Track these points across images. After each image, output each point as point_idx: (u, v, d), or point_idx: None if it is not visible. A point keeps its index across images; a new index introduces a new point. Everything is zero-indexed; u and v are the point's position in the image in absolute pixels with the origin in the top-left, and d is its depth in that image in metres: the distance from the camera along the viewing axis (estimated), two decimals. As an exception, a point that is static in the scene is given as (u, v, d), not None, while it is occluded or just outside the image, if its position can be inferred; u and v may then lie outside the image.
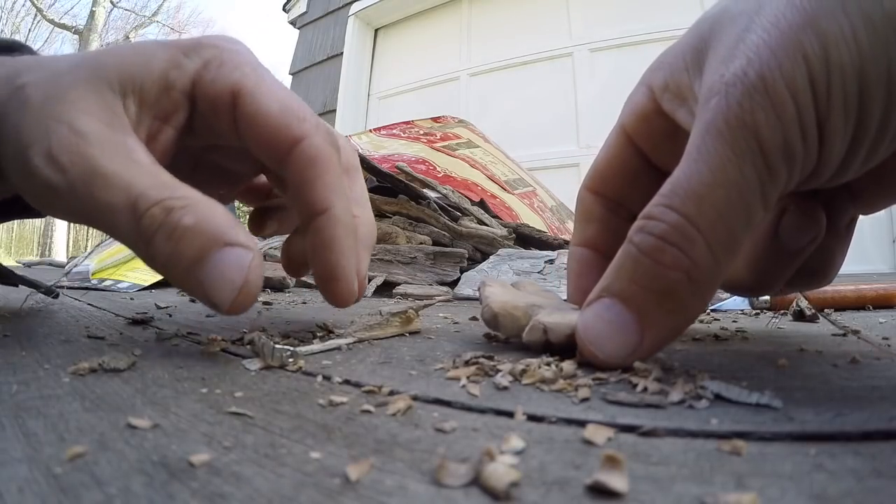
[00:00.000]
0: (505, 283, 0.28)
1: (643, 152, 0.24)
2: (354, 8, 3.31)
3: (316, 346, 0.24)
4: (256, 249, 0.20)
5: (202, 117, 0.23)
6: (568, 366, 0.20)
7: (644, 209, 0.18)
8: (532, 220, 1.12)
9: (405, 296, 0.60)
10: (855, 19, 0.15)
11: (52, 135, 0.19)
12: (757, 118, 0.16)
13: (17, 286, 0.34)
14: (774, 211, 0.23)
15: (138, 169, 0.20)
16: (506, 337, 0.22)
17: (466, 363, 0.21)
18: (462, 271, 0.71)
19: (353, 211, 0.24)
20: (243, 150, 0.24)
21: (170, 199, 0.19)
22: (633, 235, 0.18)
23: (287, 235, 0.30)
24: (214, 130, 0.24)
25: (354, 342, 0.26)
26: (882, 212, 0.23)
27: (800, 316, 0.37)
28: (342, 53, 3.30)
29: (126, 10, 8.56)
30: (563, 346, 0.21)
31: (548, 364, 0.20)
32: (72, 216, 0.21)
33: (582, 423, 0.14)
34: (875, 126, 0.16)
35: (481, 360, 0.21)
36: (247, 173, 0.31)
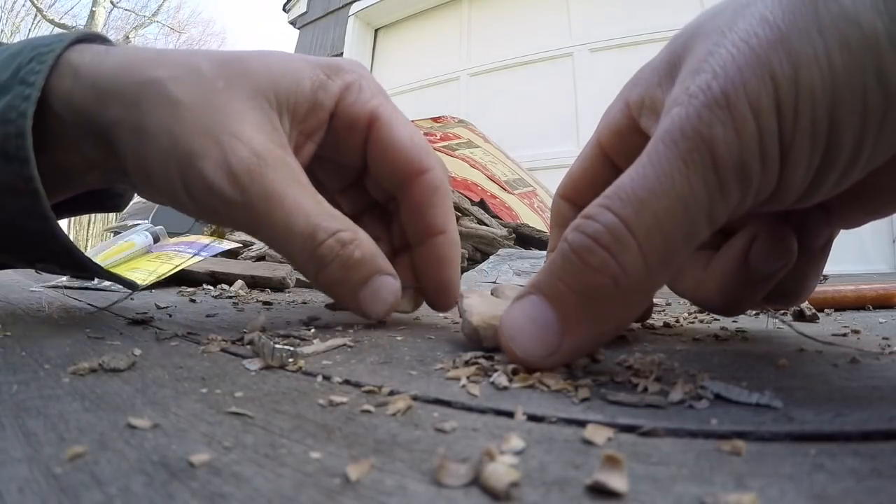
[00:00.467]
0: (483, 292, 0.27)
1: (616, 165, 0.24)
2: (354, 8, 3.32)
3: (316, 346, 0.24)
4: (396, 275, 0.25)
5: (334, 135, 0.26)
6: (566, 365, 0.20)
7: (585, 208, 0.17)
8: (532, 220, 1.12)
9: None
10: (830, 41, 0.14)
11: (230, 151, 0.21)
12: (714, 132, 0.15)
13: (92, 280, 0.35)
14: (745, 237, 0.22)
15: (307, 194, 0.22)
16: (488, 347, 0.22)
17: (466, 363, 0.21)
18: (462, 271, 0.71)
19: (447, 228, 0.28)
20: (349, 167, 0.28)
21: (342, 231, 0.22)
22: (568, 233, 0.17)
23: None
24: (341, 149, 0.27)
25: (354, 341, 0.26)
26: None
27: (800, 316, 0.37)
28: (342, 53, 3.30)
29: (126, 10, 8.57)
30: None
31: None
32: (238, 227, 0.23)
33: (582, 423, 0.14)
34: (847, 153, 0.15)
35: (481, 360, 0.21)
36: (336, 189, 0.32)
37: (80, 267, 0.28)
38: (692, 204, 0.15)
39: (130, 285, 0.35)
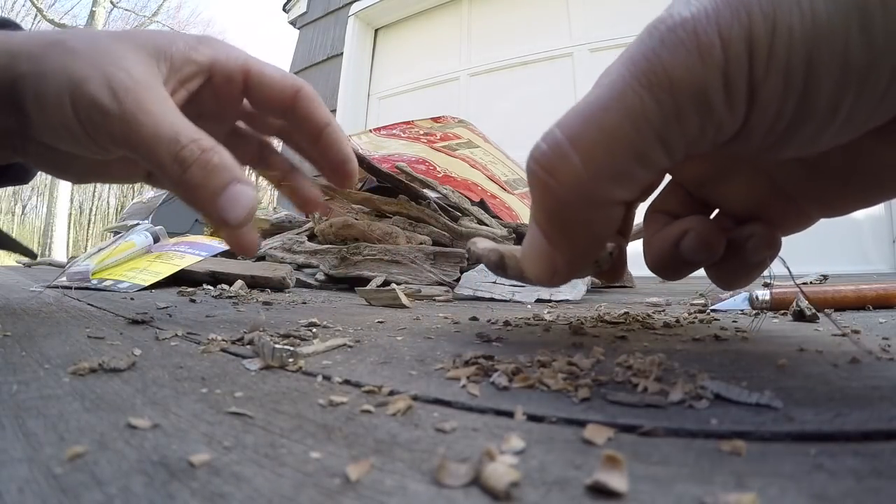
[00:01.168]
0: (485, 239, 0.30)
1: None
2: (354, 8, 3.31)
3: (316, 345, 0.24)
4: (254, 187, 0.27)
5: (214, 90, 0.31)
6: (566, 365, 0.20)
7: None
8: (532, 220, 1.12)
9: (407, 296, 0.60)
10: None
11: (112, 74, 0.25)
12: (676, 56, 0.15)
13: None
14: (680, 227, 0.23)
15: (175, 112, 0.26)
16: (510, 277, 0.24)
17: (466, 363, 0.21)
18: (462, 271, 0.71)
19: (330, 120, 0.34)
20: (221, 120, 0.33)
21: (202, 139, 0.25)
22: (528, 158, 0.18)
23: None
24: (222, 102, 0.32)
25: (354, 341, 0.26)
26: (882, 212, 0.23)
27: (800, 316, 0.37)
28: (342, 53, 3.30)
29: (126, 10, 8.58)
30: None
31: (546, 365, 0.20)
32: (113, 141, 0.25)
33: (582, 423, 0.14)
34: (824, 105, 0.15)
35: (481, 360, 0.21)
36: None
37: None
38: (642, 122, 0.15)
39: (29, 253, 0.42)
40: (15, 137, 0.29)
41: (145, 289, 0.63)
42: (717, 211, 0.25)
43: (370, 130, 1.34)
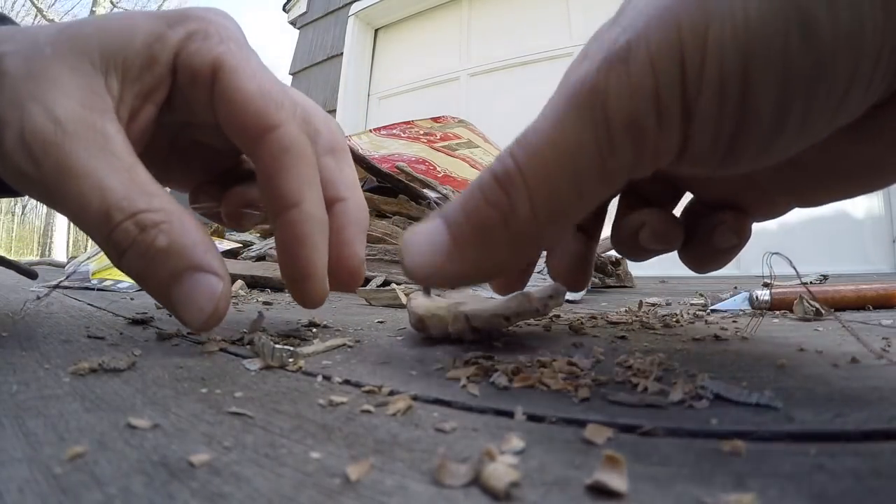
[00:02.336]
0: (429, 295, 0.29)
1: None
2: (354, 8, 3.32)
3: (316, 346, 0.24)
4: (227, 277, 0.21)
5: (181, 91, 0.22)
6: (566, 365, 0.20)
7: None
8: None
9: (407, 296, 0.60)
10: None
11: (27, 118, 0.19)
12: (609, 86, 0.14)
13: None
14: (634, 222, 0.23)
15: (114, 167, 0.19)
16: (435, 335, 0.24)
17: (466, 363, 0.21)
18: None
19: (343, 193, 0.25)
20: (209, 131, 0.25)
21: (145, 211, 0.19)
22: (483, 171, 0.17)
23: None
24: (192, 106, 0.23)
25: (354, 341, 0.26)
26: (882, 212, 0.23)
27: (813, 315, 0.37)
28: (342, 53, 3.30)
29: (126, 10, 8.58)
30: (486, 329, 0.24)
31: (546, 365, 0.20)
32: (47, 203, 0.20)
33: (582, 423, 0.14)
34: (769, 115, 0.14)
35: (481, 360, 0.21)
36: (226, 153, 0.29)
37: None
38: (580, 158, 0.15)
39: (30, 274, 0.36)
40: None
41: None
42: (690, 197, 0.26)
43: (370, 130, 1.34)
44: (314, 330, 0.30)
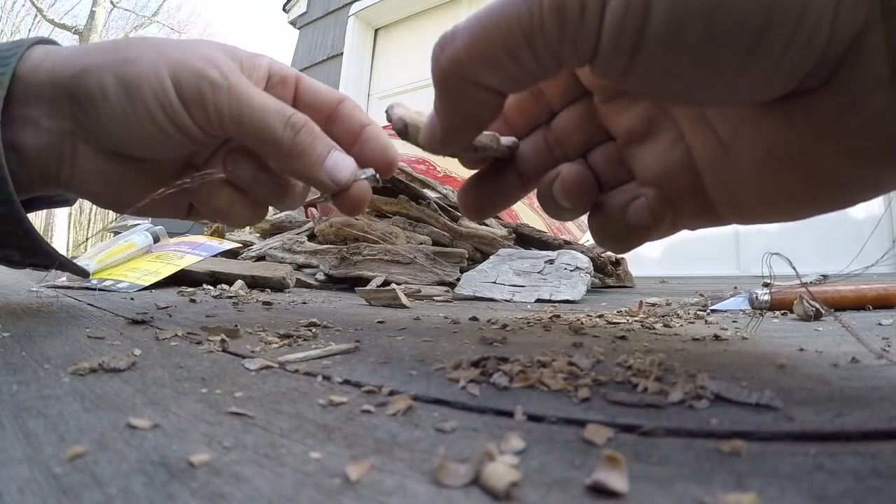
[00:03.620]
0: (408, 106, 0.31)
1: None
2: (354, 8, 3.32)
3: (317, 351, 0.24)
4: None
5: (272, 91, 0.32)
6: (566, 365, 0.20)
7: None
8: (532, 220, 1.12)
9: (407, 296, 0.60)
10: None
11: (211, 56, 0.27)
12: None
13: (50, 269, 0.36)
14: (552, 174, 0.24)
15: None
16: (411, 143, 0.25)
17: (466, 363, 0.21)
18: (462, 271, 0.71)
19: (340, 96, 0.34)
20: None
21: (298, 113, 0.28)
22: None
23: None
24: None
25: (354, 341, 0.26)
26: (882, 212, 0.23)
27: (813, 315, 0.37)
28: (342, 53, 3.30)
29: (126, 10, 8.57)
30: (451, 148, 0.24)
31: (546, 365, 0.20)
32: (218, 114, 0.27)
33: (582, 423, 0.14)
34: (695, 40, 0.15)
35: (481, 360, 0.21)
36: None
37: (41, 253, 0.32)
38: (514, 25, 0.17)
39: (83, 273, 0.40)
40: (65, 144, 0.29)
41: (145, 289, 0.63)
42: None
43: (370, 130, 1.33)
44: (314, 330, 0.30)
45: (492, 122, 0.22)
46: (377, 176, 0.31)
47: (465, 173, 0.28)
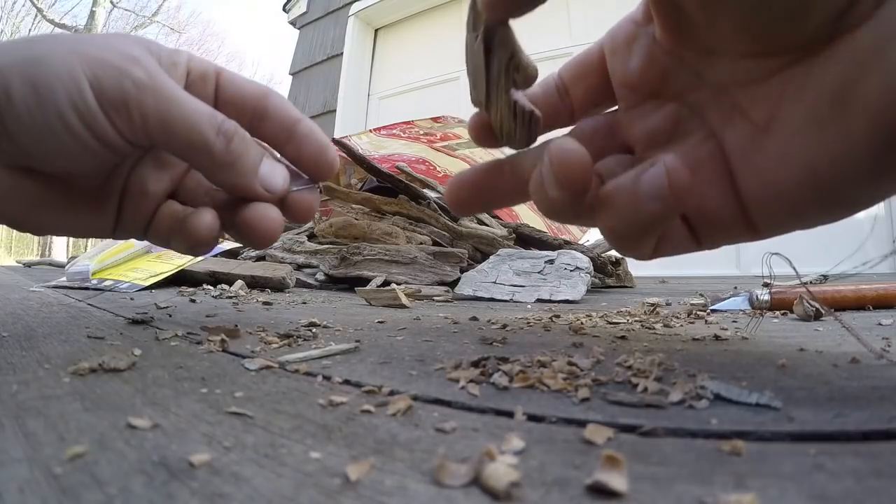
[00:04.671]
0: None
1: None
2: (354, 8, 3.32)
3: (317, 351, 0.24)
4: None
5: (191, 88, 0.29)
6: (566, 365, 0.20)
7: None
8: (532, 220, 1.12)
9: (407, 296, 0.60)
10: None
11: (132, 53, 0.24)
12: None
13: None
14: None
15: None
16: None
17: (466, 363, 0.21)
18: (462, 271, 0.71)
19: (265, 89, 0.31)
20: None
21: (228, 121, 0.26)
22: None
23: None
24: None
25: (354, 341, 0.26)
26: (882, 211, 0.22)
27: (813, 316, 0.37)
28: (342, 53, 3.30)
29: (126, 10, 8.57)
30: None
31: (546, 365, 0.20)
32: (143, 120, 0.24)
33: (582, 423, 0.14)
34: None
35: (481, 360, 0.21)
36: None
37: None
38: None
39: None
40: None
41: (145, 289, 0.63)
42: None
43: (370, 130, 1.34)
44: (314, 330, 0.30)
45: None
46: (318, 185, 0.29)
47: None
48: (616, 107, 0.25)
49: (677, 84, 0.22)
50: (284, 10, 3.98)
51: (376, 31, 3.45)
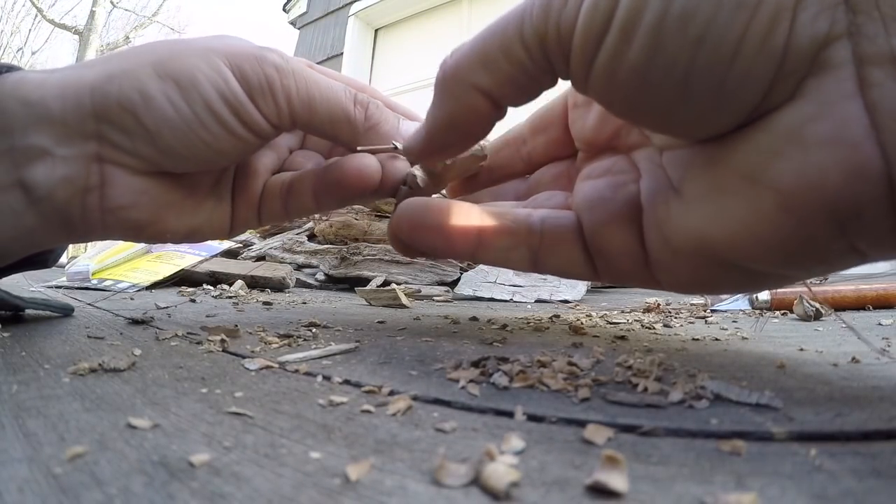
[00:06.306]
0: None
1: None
2: (354, 8, 3.32)
3: (317, 351, 0.24)
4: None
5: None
6: (566, 365, 0.20)
7: None
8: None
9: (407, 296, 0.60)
10: None
11: (261, 48, 0.25)
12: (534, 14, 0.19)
13: (23, 311, 0.34)
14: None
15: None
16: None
17: (466, 363, 0.21)
18: (462, 271, 0.71)
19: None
20: None
21: (358, 92, 0.27)
22: None
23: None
24: None
25: (354, 341, 0.26)
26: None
27: (812, 315, 0.37)
28: (342, 53, 3.30)
29: (126, 10, 8.57)
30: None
31: (546, 365, 0.20)
32: (287, 100, 0.25)
33: (582, 423, 0.14)
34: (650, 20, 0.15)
35: (481, 360, 0.21)
36: None
37: (8, 307, 0.31)
38: (509, 22, 0.19)
39: (65, 311, 0.36)
40: (91, 173, 0.23)
41: (145, 289, 0.63)
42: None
43: (370, 130, 1.33)
44: (314, 330, 0.30)
45: (476, 136, 0.22)
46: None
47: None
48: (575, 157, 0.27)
49: (629, 140, 0.24)
50: (284, 10, 3.98)
51: (376, 31, 3.45)
